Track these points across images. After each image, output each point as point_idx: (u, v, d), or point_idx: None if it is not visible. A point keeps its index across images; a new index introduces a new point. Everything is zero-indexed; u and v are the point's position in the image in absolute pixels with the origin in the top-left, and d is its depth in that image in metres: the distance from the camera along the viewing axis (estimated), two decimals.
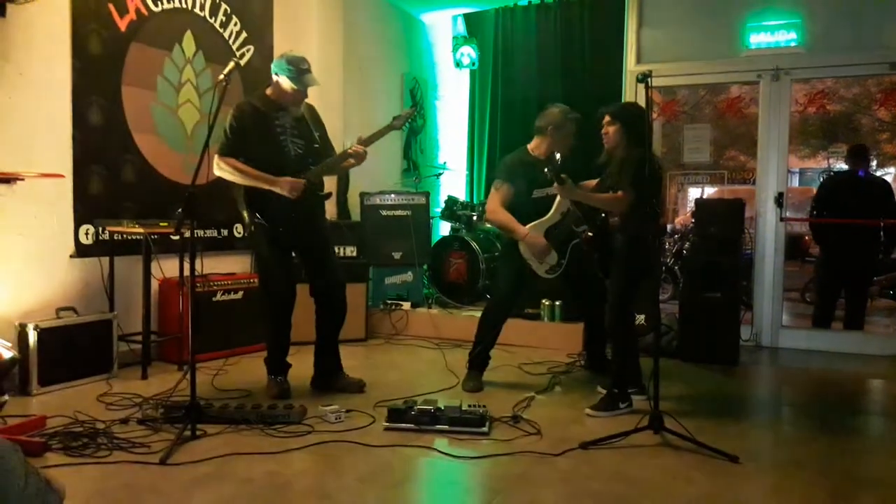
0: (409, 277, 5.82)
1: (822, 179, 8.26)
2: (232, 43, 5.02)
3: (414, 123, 6.95)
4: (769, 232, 5.52)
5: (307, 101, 3.70)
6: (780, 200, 5.46)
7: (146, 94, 4.43)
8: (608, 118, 3.60)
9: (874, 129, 11.82)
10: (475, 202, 6.41)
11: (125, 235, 4.18)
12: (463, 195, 7.08)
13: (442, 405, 3.21)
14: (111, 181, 4.24)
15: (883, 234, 5.62)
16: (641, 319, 4.70)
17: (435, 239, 6.18)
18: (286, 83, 3.53)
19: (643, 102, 3.32)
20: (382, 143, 3.87)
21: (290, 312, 3.74)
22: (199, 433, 3.01)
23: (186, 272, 3.60)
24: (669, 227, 9.61)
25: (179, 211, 3.03)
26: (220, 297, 4.58)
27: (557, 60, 6.61)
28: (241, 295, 4.68)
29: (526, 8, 6.81)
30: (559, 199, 3.88)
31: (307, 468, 2.77)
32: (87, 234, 4.12)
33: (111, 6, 4.19)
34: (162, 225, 4.01)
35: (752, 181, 8.88)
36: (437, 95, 7.42)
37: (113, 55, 4.22)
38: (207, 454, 2.80)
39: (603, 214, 3.68)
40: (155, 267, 4.23)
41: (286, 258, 3.74)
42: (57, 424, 3.08)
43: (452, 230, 6.14)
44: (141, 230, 4.01)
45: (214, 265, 4.78)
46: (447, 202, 6.13)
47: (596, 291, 3.95)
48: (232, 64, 3.22)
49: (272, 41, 5.34)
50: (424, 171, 6.81)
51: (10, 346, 3.21)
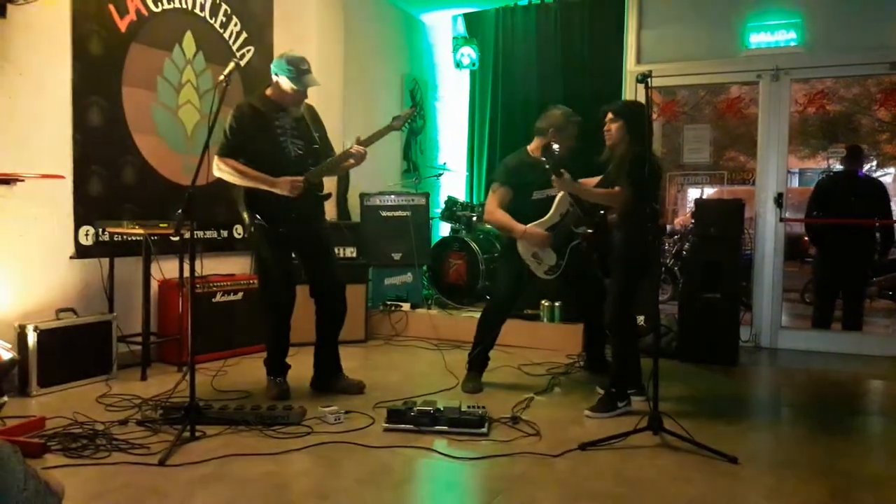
0: (408, 278, 5.81)
1: (818, 180, 8.26)
2: (232, 43, 5.02)
3: (414, 124, 6.95)
4: (769, 232, 5.52)
5: (307, 101, 3.69)
6: (779, 201, 5.46)
7: (146, 94, 4.43)
8: (611, 115, 3.60)
9: (874, 129, 11.80)
10: (475, 203, 6.40)
11: (125, 236, 4.18)
12: (463, 196, 7.08)
13: (441, 406, 3.21)
14: (111, 182, 4.24)
15: (879, 234, 5.62)
16: (641, 320, 4.70)
17: (435, 240, 6.17)
18: (286, 83, 3.53)
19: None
20: (382, 143, 3.86)
21: (289, 313, 3.74)
22: (198, 434, 3.01)
23: (186, 273, 3.59)
24: (669, 227, 9.61)
25: (179, 212, 3.02)
26: (219, 298, 4.58)
27: (557, 61, 6.61)
28: (240, 296, 4.68)
29: (526, 8, 6.81)
30: (558, 200, 3.88)
31: (306, 469, 2.77)
32: (86, 234, 4.12)
33: (111, 7, 4.19)
34: (162, 226, 4.00)
35: (751, 181, 8.88)
36: (436, 96, 7.42)
37: (113, 56, 4.22)
38: (207, 455, 2.80)
39: (602, 211, 3.68)
40: (155, 268, 4.23)
41: (286, 259, 3.73)
42: (56, 425, 3.08)
43: (452, 231, 6.14)
44: (141, 231, 4.00)
45: (214, 266, 4.78)
46: (447, 203, 6.13)
47: (595, 292, 3.95)
48: (232, 64, 3.22)
49: (272, 41, 5.34)
50: (424, 171, 6.81)
51: (9, 347, 3.20)
